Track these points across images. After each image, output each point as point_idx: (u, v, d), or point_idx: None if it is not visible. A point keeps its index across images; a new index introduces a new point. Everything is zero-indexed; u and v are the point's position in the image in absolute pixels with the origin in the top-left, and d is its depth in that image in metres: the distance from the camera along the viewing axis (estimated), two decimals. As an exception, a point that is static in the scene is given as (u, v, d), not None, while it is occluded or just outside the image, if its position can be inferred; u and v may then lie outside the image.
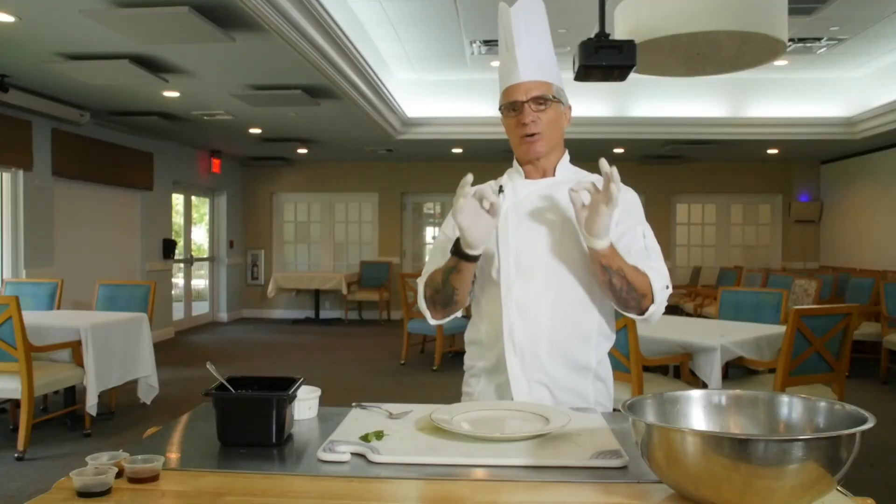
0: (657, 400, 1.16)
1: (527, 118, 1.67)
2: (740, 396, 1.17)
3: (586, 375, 1.70)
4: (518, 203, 1.73)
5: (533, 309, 1.65)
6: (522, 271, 1.67)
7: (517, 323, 1.65)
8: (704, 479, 0.95)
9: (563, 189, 1.69)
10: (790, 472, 0.91)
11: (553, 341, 1.65)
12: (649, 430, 1.01)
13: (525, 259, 1.67)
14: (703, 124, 8.45)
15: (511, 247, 1.69)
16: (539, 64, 1.70)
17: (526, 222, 1.70)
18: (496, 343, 1.69)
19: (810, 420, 1.10)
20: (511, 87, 1.70)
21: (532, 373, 1.65)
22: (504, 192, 1.69)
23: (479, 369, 1.78)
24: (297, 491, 1.10)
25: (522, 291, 1.66)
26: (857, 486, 1.11)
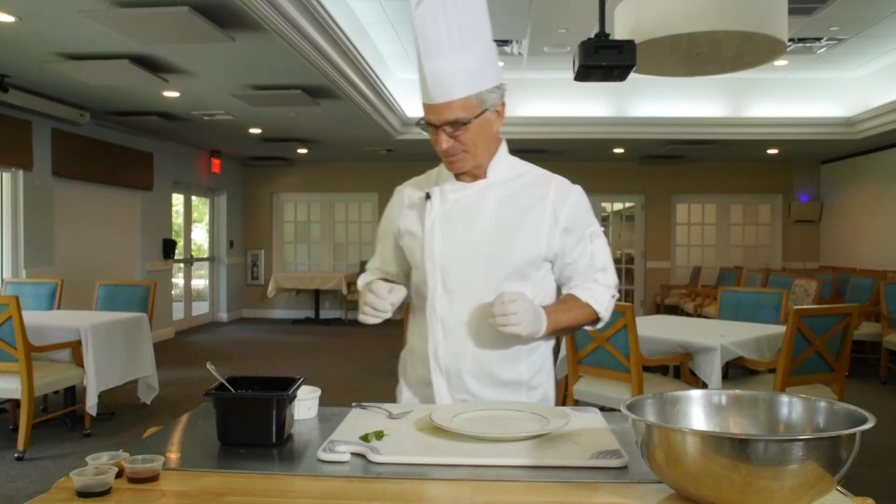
0: (657, 400, 1.15)
1: (443, 144, 1.54)
2: (740, 396, 1.17)
3: (518, 389, 1.64)
4: (446, 211, 1.62)
5: (457, 329, 1.59)
6: (448, 289, 1.59)
7: (441, 343, 1.61)
8: (704, 479, 0.95)
9: (496, 191, 1.61)
10: (790, 472, 0.91)
11: (478, 362, 1.60)
12: (649, 430, 1.01)
13: (451, 275, 1.59)
14: (703, 124, 8.45)
15: (437, 262, 1.60)
16: (455, 79, 1.48)
17: (453, 234, 1.60)
18: (426, 358, 1.64)
19: (810, 420, 1.10)
20: (427, 106, 1.53)
21: (458, 393, 1.61)
22: (431, 198, 1.63)
23: (412, 379, 1.73)
24: (297, 491, 1.10)
25: (447, 310, 1.60)
26: (857, 486, 1.11)
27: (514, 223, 1.59)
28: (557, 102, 8.33)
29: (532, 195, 1.62)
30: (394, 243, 1.75)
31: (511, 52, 7.19)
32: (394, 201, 1.77)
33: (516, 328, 1.46)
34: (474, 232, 1.59)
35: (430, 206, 1.63)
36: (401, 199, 1.74)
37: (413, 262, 1.68)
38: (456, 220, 1.61)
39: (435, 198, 1.64)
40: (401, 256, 1.75)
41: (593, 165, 11.07)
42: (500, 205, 1.60)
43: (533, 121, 8.42)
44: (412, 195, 1.71)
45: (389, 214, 1.77)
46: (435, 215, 1.62)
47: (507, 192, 1.62)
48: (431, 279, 1.61)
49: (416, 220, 1.66)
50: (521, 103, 8.44)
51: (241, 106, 6.82)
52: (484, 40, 1.53)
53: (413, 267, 1.70)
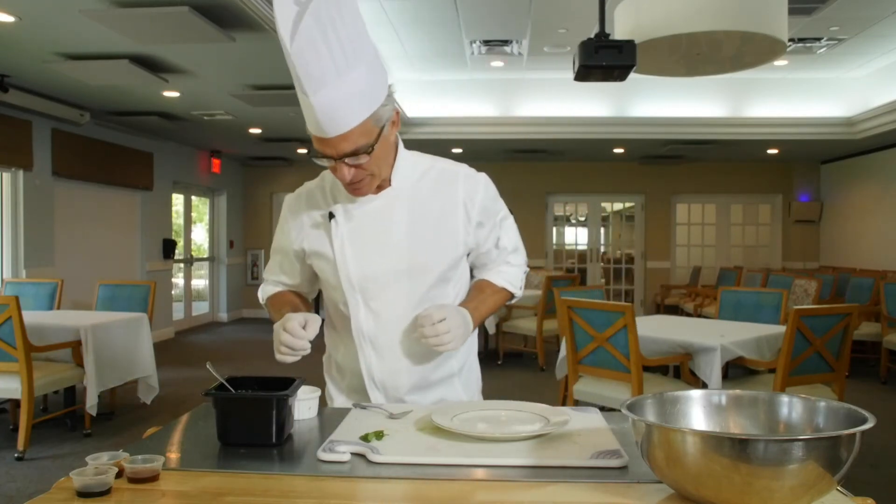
0: (657, 400, 1.15)
1: (346, 177, 1.43)
2: (740, 396, 1.17)
3: (451, 382, 1.66)
4: (353, 229, 1.54)
5: (388, 347, 1.57)
6: (372, 308, 1.55)
7: (375, 363, 1.59)
8: (704, 479, 0.95)
9: (403, 199, 1.54)
10: (790, 472, 0.91)
11: (413, 373, 1.60)
12: (649, 430, 1.01)
13: (372, 294, 1.55)
14: (703, 124, 8.45)
15: (354, 283, 1.54)
16: (348, 107, 1.33)
17: (367, 252, 1.53)
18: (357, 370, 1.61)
19: (810, 420, 1.11)
20: (319, 139, 1.38)
21: (395, 402, 1.61)
22: (335, 217, 1.54)
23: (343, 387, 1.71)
24: (297, 491, 1.10)
25: (374, 329, 1.56)
26: (857, 486, 1.11)
27: (429, 232, 1.55)
28: (557, 102, 8.32)
29: (441, 195, 1.57)
30: (297, 260, 1.66)
31: (511, 52, 7.19)
32: (289, 216, 1.65)
33: (451, 345, 1.47)
34: (389, 247, 1.53)
35: (336, 226, 1.53)
36: (296, 216, 1.63)
37: (327, 282, 1.61)
38: (367, 237, 1.53)
39: (339, 216, 1.54)
40: (306, 270, 1.68)
41: (593, 165, 11.07)
42: (410, 213, 1.54)
43: (533, 121, 8.42)
44: (312, 213, 1.60)
45: (287, 232, 1.64)
46: (343, 235, 1.53)
47: (415, 197, 1.55)
48: (352, 300, 1.55)
49: (323, 240, 1.57)
50: (521, 103, 8.44)
51: (241, 106, 6.82)
52: (368, 52, 1.36)
53: (327, 287, 1.63)
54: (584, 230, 11.59)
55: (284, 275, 1.72)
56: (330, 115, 1.32)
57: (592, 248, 11.56)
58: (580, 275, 9.76)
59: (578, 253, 11.57)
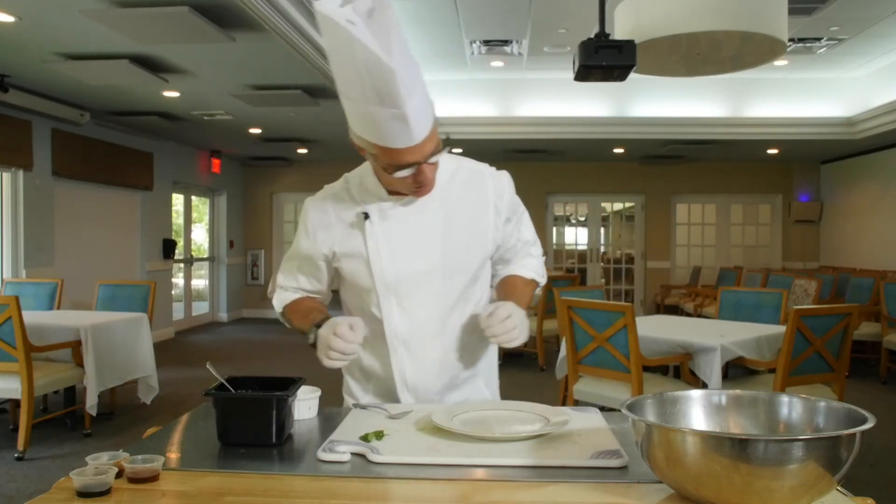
0: (657, 400, 1.15)
1: (428, 177, 1.45)
2: (740, 396, 1.17)
3: (474, 381, 1.69)
4: (389, 229, 1.54)
5: (421, 348, 1.58)
6: (405, 308, 1.56)
7: (408, 364, 1.59)
8: (704, 479, 0.95)
9: (436, 200, 1.55)
10: (790, 472, 0.91)
11: (444, 374, 1.61)
12: (649, 430, 1.01)
13: (405, 294, 1.55)
14: (703, 124, 8.45)
15: (390, 284, 1.54)
16: (427, 110, 1.37)
17: (401, 251, 1.54)
18: (385, 375, 1.62)
19: (810, 420, 1.11)
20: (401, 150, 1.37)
21: (425, 402, 1.61)
22: (370, 217, 1.54)
23: (370, 390, 1.70)
24: (297, 491, 1.10)
25: (408, 331, 1.57)
26: (857, 486, 1.11)
27: (462, 231, 1.57)
28: (557, 102, 8.32)
29: (472, 195, 1.59)
30: (323, 264, 1.64)
31: (511, 52, 7.19)
32: (313, 219, 1.61)
33: (519, 339, 1.48)
34: (424, 247, 1.54)
35: (371, 227, 1.54)
36: (323, 218, 1.60)
37: (356, 284, 1.60)
38: (402, 236, 1.54)
39: (374, 216, 1.54)
40: (329, 275, 1.67)
41: (593, 165, 11.07)
42: (444, 213, 1.56)
43: (533, 121, 8.42)
44: (341, 214, 1.59)
45: (312, 235, 1.61)
46: (378, 235, 1.54)
47: (447, 197, 1.57)
48: (386, 301, 1.55)
49: (357, 240, 1.56)
50: (521, 103, 8.44)
51: (241, 106, 6.82)
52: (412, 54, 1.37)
53: (356, 289, 1.62)
54: (584, 230, 11.59)
55: (306, 280, 1.69)
56: (418, 120, 1.34)
57: (592, 248, 11.56)
58: (580, 275, 9.76)
59: (578, 253, 11.57)
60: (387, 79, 1.26)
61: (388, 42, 1.25)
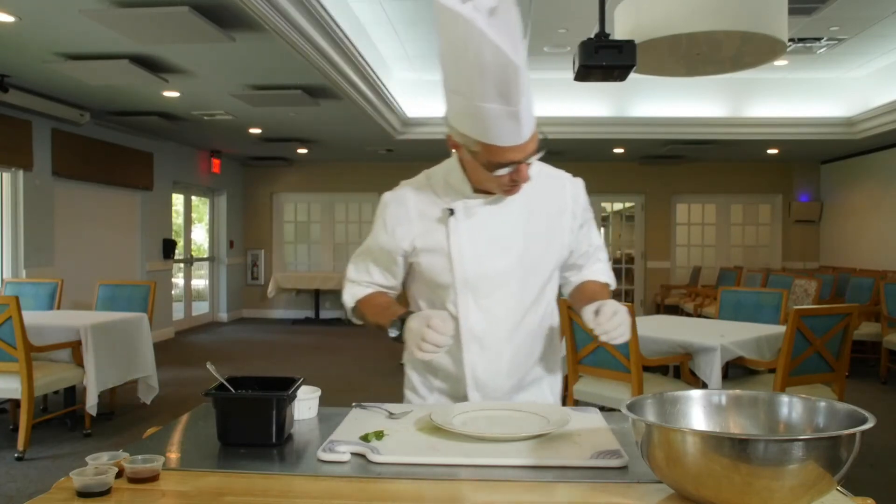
0: (657, 400, 1.16)
1: (524, 175, 1.46)
2: (740, 396, 1.17)
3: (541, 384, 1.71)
4: (473, 227, 1.56)
5: (494, 346, 1.59)
6: (482, 307, 1.57)
7: (479, 360, 1.60)
8: (704, 479, 0.95)
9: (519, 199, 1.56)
10: (790, 472, 0.91)
11: (515, 374, 1.63)
12: (649, 430, 1.01)
13: (484, 292, 1.57)
14: (703, 124, 8.45)
15: (469, 280, 1.56)
16: (531, 111, 1.39)
17: (484, 249, 1.56)
18: (455, 372, 1.63)
19: (810, 420, 1.11)
20: (506, 148, 1.39)
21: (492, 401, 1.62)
22: (455, 214, 1.56)
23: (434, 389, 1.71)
24: (297, 491, 1.10)
25: (483, 329, 1.58)
26: (857, 486, 1.11)
27: (541, 233, 1.60)
28: (557, 102, 8.32)
29: (551, 198, 1.64)
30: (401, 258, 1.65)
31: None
32: (395, 212, 1.62)
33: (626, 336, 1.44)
34: (505, 247, 1.57)
35: (455, 223, 1.55)
36: (405, 211, 1.61)
37: (434, 280, 1.61)
38: (485, 235, 1.56)
39: (459, 213, 1.56)
40: (403, 269, 1.68)
41: (593, 165, 11.06)
42: (526, 214, 1.58)
43: (533, 121, 8.41)
44: (424, 210, 1.60)
45: (391, 230, 1.62)
46: (462, 232, 1.55)
47: (529, 200, 1.58)
48: (463, 298, 1.57)
49: (439, 236, 1.57)
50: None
51: (241, 106, 6.82)
52: None
53: (432, 285, 1.63)
54: (584, 230, 11.58)
55: (379, 275, 1.70)
56: (528, 119, 1.37)
57: (592, 248, 11.54)
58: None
59: (578, 253, 11.57)
60: (510, 76, 1.28)
61: (513, 40, 1.27)
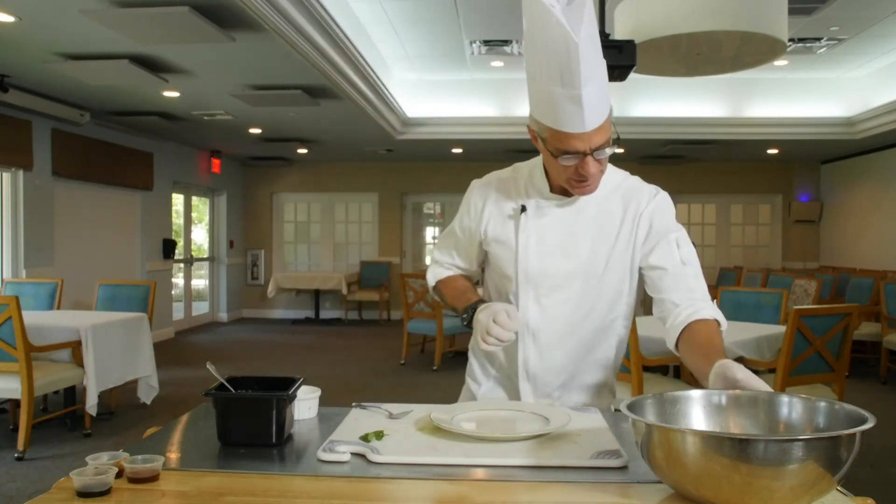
0: (657, 400, 1.15)
1: (590, 171, 1.45)
2: (740, 396, 1.17)
3: (601, 392, 1.69)
4: (541, 226, 1.59)
5: (548, 343, 1.61)
6: (541, 304, 1.60)
7: (532, 354, 1.62)
8: (704, 479, 0.95)
9: (591, 207, 1.57)
10: (790, 472, 0.91)
11: (568, 374, 1.64)
12: (649, 430, 1.01)
13: (545, 291, 1.59)
14: (703, 124, 8.45)
15: (531, 277, 1.59)
16: (603, 101, 1.38)
17: (549, 249, 1.58)
18: (509, 362, 1.67)
19: (810, 420, 1.10)
20: (570, 135, 1.40)
21: (542, 397, 1.65)
22: (527, 211, 1.60)
23: (492, 376, 1.75)
24: (297, 491, 1.10)
25: (540, 323, 1.60)
26: (857, 486, 1.11)
27: (609, 242, 1.58)
28: (557, 102, 8.31)
29: (625, 210, 1.59)
30: (473, 244, 1.71)
31: (511, 52, 7.19)
32: (476, 200, 1.68)
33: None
34: (571, 251, 1.57)
35: (526, 220, 1.59)
36: (485, 201, 1.67)
37: (500, 270, 1.65)
38: (552, 235, 1.58)
39: (531, 210, 1.59)
40: (481, 254, 1.73)
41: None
42: (596, 223, 1.58)
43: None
44: (501, 202, 1.65)
45: (475, 214, 1.68)
46: (530, 229, 1.59)
47: (604, 207, 1.59)
48: (524, 293, 1.59)
49: (509, 229, 1.62)
50: (521, 103, 8.43)
51: (241, 106, 6.82)
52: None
53: (498, 275, 1.67)
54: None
55: (460, 257, 1.76)
56: (593, 107, 1.36)
57: (592, 248, 11.55)
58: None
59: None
60: (571, 55, 1.30)
61: (579, 23, 1.29)
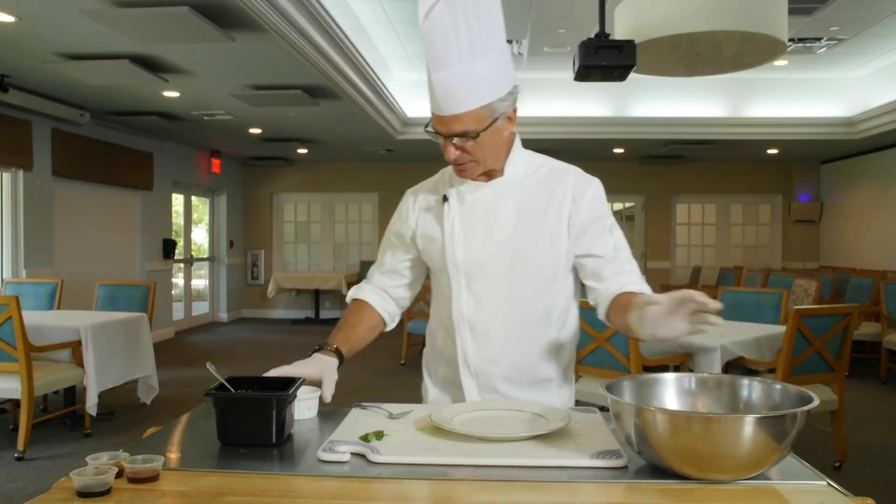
0: (633, 382, 1.31)
1: (451, 155, 1.51)
2: (707, 380, 1.33)
3: (548, 387, 1.65)
4: (464, 213, 1.60)
5: (485, 332, 1.58)
6: (473, 291, 1.58)
7: (470, 345, 1.60)
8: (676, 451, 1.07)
9: (513, 189, 1.58)
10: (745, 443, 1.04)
11: (508, 365, 1.59)
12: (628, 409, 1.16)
13: (475, 278, 1.58)
14: (703, 124, 8.45)
15: (459, 265, 1.58)
16: (465, 92, 1.42)
17: (474, 236, 1.58)
18: (453, 358, 1.63)
19: (766, 400, 1.25)
20: (435, 116, 1.49)
21: (487, 393, 1.61)
22: (449, 201, 1.61)
23: (438, 378, 1.73)
24: (297, 491, 1.10)
25: (474, 313, 1.58)
26: (857, 486, 1.12)
27: (534, 223, 1.57)
28: (557, 102, 8.32)
29: (550, 191, 1.59)
30: (408, 249, 1.71)
31: (511, 52, 7.18)
32: (405, 206, 1.72)
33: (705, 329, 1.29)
34: (495, 233, 1.57)
35: (448, 209, 1.60)
36: (414, 204, 1.70)
37: (433, 265, 1.67)
38: (475, 221, 1.59)
39: (452, 200, 1.61)
40: (416, 263, 1.73)
41: (593, 165, 10.99)
42: (519, 204, 1.58)
43: (533, 121, 8.41)
44: (427, 199, 1.68)
45: (402, 220, 1.72)
46: (454, 218, 1.60)
47: (525, 189, 1.59)
48: (455, 283, 1.59)
49: (434, 223, 1.64)
50: (521, 103, 8.36)
51: (241, 106, 6.82)
52: (498, 47, 1.46)
53: (434, 270, 1.69)
54: (584, 230, 11.58)
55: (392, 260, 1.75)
56: (447, 95, 1.43)
57: (592, 248, 11.55)
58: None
59: (578, 253, 11.56)
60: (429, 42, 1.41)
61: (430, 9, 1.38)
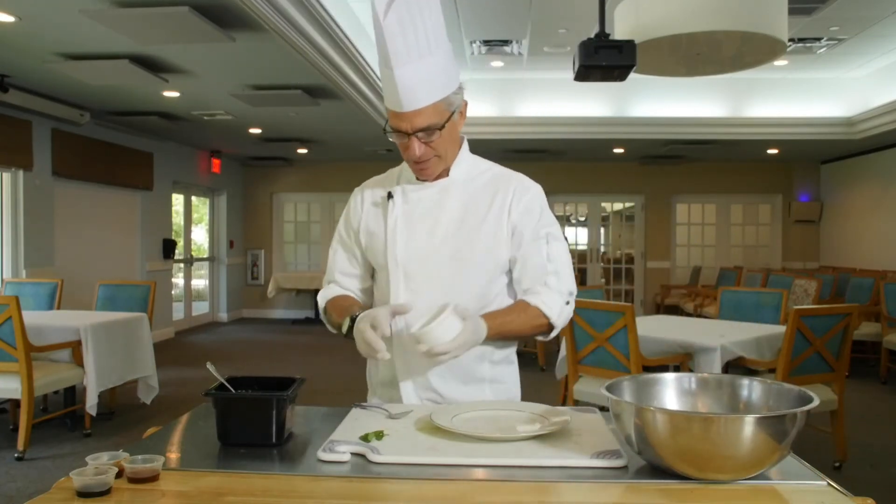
0: (633, 382, 1.30)
1: (416, 152, 1.53)
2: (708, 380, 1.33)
3: (481, 385, 1.65)
4: (408, 211, 1.62)
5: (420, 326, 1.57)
6: (411, 289, 1.59)
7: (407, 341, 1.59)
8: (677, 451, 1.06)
9: (458, 190, 1.62)
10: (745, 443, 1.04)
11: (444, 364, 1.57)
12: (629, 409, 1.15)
13: (414, 275, 1.59)
14: (703, 124, 8.45)
15: (399, 262, 1.59)
16: (426, 85, 1.47)
17: (415, 234, 1.60)
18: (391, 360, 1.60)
19: (766, 401, 1.25)
20: (395, 114, 1.51)
21: (424, 392, 1.61)
22: (393, 198, 1.62)
23: (376, 383, 1.72)
24: (298, 491, 1.10)
25: (412, 312, 1.57)
26: (857, 486, 1.12)
27: (475, 224, 1.60)
28: (557, 102, 8.32)
29: (492, 195, 1.62)
30: (357, 247, 1.72)
31: (511, 52, 7.19)
32: (354, 202, 1.73)
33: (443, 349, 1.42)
34: (437, 232, 1.59)
35: (392, 206, 1.62)
36: (361, 200, 1.71)
37: (375, 262, 1.68)
38: (418, 219, 1.61)
39: (397, 196, 1.63)
40: (367, 262, 1.72)
41: (593, 165, 11.07)
42: (461, 204, 1.61)
43: (533, 121, 8.42)
44: (374, 194, 1.70)
45: (350, 216, 1.73)
46: (397, 214, 1.62)
47: (469, 191, 1.63)
48: (394, 279, 1.60)
49: (379, 219, 1.66)
50: (521, 103, 8.44)
51: (241, 106, 6.82)
52: (444, 43, 1.51)
53: (376, 268, 1.69)
54: (584, 230, 11.60)
55: (345, 262, 1.75)
56: (409, 89, 1.45)
57: (592, 248, 11.56)
58: (580, 275, 9.76)
59: (578, 253, 11.57)
60: (379, 36, 1.43)
61: (389, 6, 1.40)
